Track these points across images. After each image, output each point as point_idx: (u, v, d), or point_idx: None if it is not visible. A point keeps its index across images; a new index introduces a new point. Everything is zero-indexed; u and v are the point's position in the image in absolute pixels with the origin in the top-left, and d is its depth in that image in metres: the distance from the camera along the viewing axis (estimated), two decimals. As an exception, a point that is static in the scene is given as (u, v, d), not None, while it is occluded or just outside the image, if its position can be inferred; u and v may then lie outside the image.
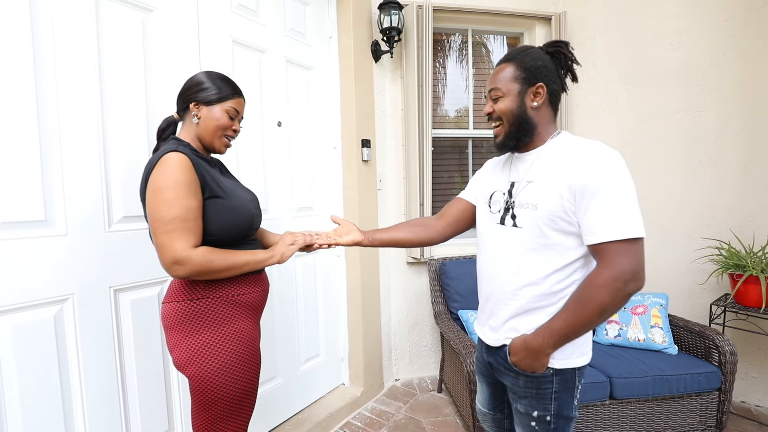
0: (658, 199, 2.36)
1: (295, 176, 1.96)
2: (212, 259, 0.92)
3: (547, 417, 0.94)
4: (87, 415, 1.20)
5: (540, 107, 0.94)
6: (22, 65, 1.07)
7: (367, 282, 2.25)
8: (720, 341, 1.73)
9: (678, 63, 2.27)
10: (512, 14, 2.50)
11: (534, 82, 0.92)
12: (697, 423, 1.76)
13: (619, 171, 0.82)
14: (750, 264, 1.91)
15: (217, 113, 1.02)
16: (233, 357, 0.96)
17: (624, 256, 0.80)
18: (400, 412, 2.17)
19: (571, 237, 0.87)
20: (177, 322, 0.95)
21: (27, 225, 1.09)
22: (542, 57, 0.94)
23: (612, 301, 0.81)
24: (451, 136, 2.67)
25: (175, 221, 0.88)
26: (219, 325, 0.96)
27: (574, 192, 0.83)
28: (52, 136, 1.13)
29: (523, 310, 0.92)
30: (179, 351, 0.96)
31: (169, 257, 0.88)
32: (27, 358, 1.08)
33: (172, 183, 0.88)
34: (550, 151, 0.93)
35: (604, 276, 0.81)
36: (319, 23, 2.10)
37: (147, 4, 1.35)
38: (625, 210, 0.80)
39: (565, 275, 0.89)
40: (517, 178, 0.97)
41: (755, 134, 2.11)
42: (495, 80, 0.96)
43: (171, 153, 0.91)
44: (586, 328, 0.86)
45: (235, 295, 1.00)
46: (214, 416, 0.96)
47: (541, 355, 0.89)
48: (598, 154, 0.84)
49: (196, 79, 1.03)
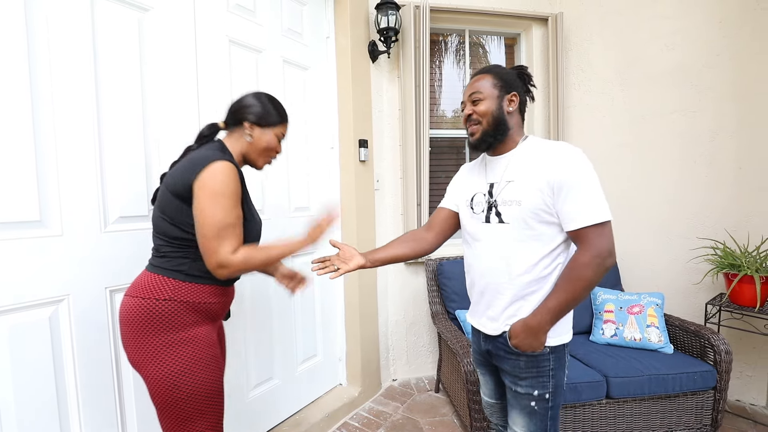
0: (653, 199, 2.37)
1: (291, 176, 1.96)
2: (249, 258, 0.98)
3: (546, 395, 1.04)
4: (82, 417, 1.19)
5: (513, 113, 1.07)
6: (16, 65, 1.06)
7: (364, 282, 2.24)
8: (715, 340, 1.74)
9: (673, 64, 2.29)
10: (509, 15, 2.51)
11: (510, 90, 1.06)
12: (692, 422, 1.77)
13: (587, 166, 0.96)
14: (745, 264, 1.93)
15: (269, 136, 1.10)
16: (191, 360, 0.97)
17: (600, 237, 0.94)
18: (398, 413, 2.17)
19: (552, 226, 0.99)
20: (137, 318, 0.96)
21: (22, 225, 1.08)
22: (513, 73, 1.09)
23: (596, 276, 0.94)
24: (448, 136, 2.68)
25: (229, 228, 0.95)
26: (179, 329, 0.97)
27: (552, 187, 0.95)
28: (48, 136, 1.12)
29: (519, 297, 1.03)
30: (137, 349, 0.97)
31: (216, 260, 0.95)
32: (22, 359, 1.08)
33: (230, 192, 0.95)
34: (523, 153, 1.05)
35: (587, 256, 0.94)
36: (316, 23, 2.10)
37: (143, 4, 1.34)
38: (595, 198, 0.94)
39: (551, 260, 1.01)
40: (494, 179, 1.08)
41: (750, 135, 2.13)
42: (475, 87, 1.07)
43: (226, 162, 0.96)
44: (576, 303, 0.98)
45: (200, 303, 1.01)
46: (180, 417, 0.98)
47: (540, 333, 0.99)
48: (568, 153, 0.97)
49: (254, 101, 1.09)
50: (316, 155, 2.12)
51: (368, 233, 2.27)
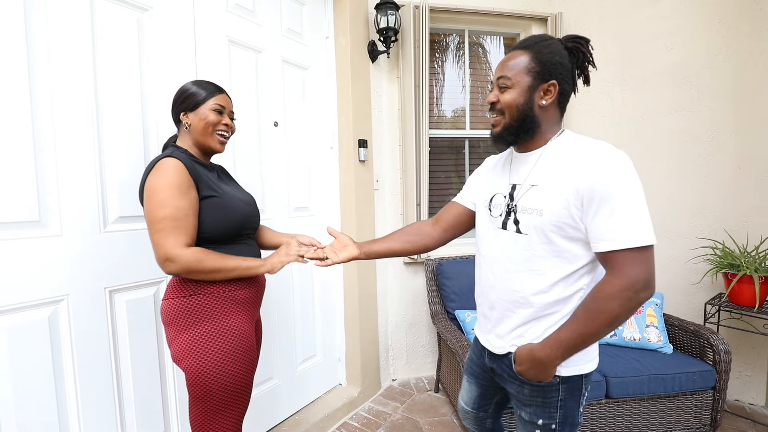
0: (652, 199, 2.33)
1: (291, 176, 1.96)
2: (202, 259, 0.96)
3: (552, 425, 0.92)
4: (82, 417, 1.19)
5: (548, 106, 0.88)
6: (16, 65, 1.06)
7: (364, 282, 2.24)
8: (714, 340, 1.74)
9: (672, 64, 2.29)
10: (508, 15, 2.51)
11: (547, 78, 0.85)
12: (692, 421, 1.77)
13: (629, 175, 0.77)
14: (744, 263, 1.93)
15: (203, 112, 1.07)
16: (226, 351, 0.99)
17: (635, 265, 0.76)
18: (397, 413, 2.17)
19: (578, 243, 0.83)
20: (173, 317, 1.00)
21: (21, 225, 1.08)
22: (560, 52, 0.86)
23: (623, 311, 0.77)
24: (448, 136, 2.68)
25: (166, 220, 0.93)
26: (212, 320, 1.00)
27: (582, 197, 0.79)
28: (47, 136, 1.12)
29: (531, 318, 0.89)
30: (176, 345, 1.00)
31: (161, 254, 0.94)
32: (21, 360, 1.07)
33: (165, 185, 0.94)
34: (554, 151, 0.88)
35: (615, 286, 0.77)
36: (315, 23, 2.10)
37: (142, 4, 1.34)
38: (635, 216, 0.76)
39: (574, 280, 0.85)
40: (518, 180, 0.92)
41: (748, 135, 2.13)
42: (505, 67, 0.88)
43: (166, 158, 0.97)
44: (595, 339, 0.82)
45: (227, 290, 1.03)
46: (209, 408, 1.00)
47: (549, 366, 0.85)
48: (606, 156, 0.79)
49: (179, 91, 1.09)
50: (316, 155, 2.12)
51: (368, 233, 2.27)
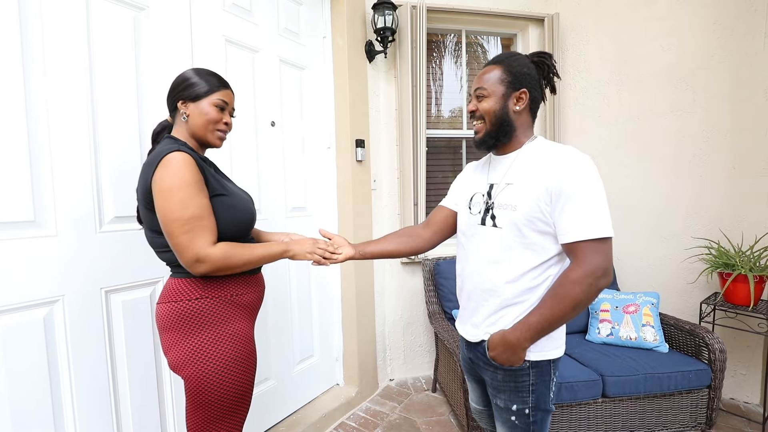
0: (648, 199, 2.39)
1: (288, 176, 1.96)
2: (232, 254, 0.93)
3: (526, 410, 0.98)
4: (77, 419, 1.19)
5: (521, 112, 0.98)
6: (10, 63, 1.05)
7: (361, 282, 2.24)
8: (710, 339, 1.76)
9: (668, 65, 2.30)
10: (505, 15, 2.52)
11: (518, 87, 0.97)
12: (687, 420, 1.78)
13: (591, 175, 0.87)
14: (739, 263, 1.95)
15: (205, 107, 1.00)
16: (230, 358, 0.96)
17: (595, 254, 0.85)
18: (395, 412, 2.17)
19: (547, 237, 0.92)
20: (173, 322, 0.94)
21: (16, 225, 1.07)
22: (528, 65, 0.99)
23: (585, 296, 0.86)
24: (445, 136, 2.68)
25: (193, 221, 0.88)
26: (217, 326, 0.95)
27: (551, 194, 0.88)
28: (42, 136, 1.11)
29: (502, 306, 0.97)
30: (175, 352, 0.94)
31: (191, 256, 0.89)
32: (16, 361, 1.07)
33: (183, 183, 0.88)
34: (527, 154, 0.98)
35: (578, 273, 0.86)
36: (313, 23, 2.09)
37: (138, 3, 1.33)
38: (596, 211, 0.86)
39: (541, 271, 0.94)
40: (495, 179, 1.02)
41: (744, 135, 2.15)
42: (481, 80, 0.99)
43: (174, 153, 0.89)
44: (561, 322, 0.90)
45: (233, 295, 1.00)
46: (208, 417, 0.96)
47: (519, 348, 0.93)
48: (572, 159, 0.89)
49: (180, 78, 1.02)
50: (313, 155, 2.12)
51: (365, 233, 2.27)
